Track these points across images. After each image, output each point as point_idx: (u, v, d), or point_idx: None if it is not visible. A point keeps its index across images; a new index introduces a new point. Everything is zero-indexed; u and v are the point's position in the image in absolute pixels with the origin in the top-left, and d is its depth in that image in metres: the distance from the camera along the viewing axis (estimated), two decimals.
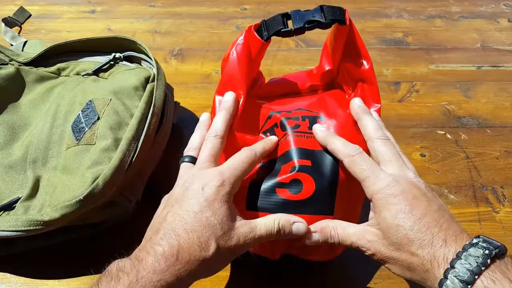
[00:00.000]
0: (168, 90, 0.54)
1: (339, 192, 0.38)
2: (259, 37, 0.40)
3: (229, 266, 0.47)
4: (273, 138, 0.41)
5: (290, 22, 0.40)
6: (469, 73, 0.70)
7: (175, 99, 0.58)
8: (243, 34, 0.41)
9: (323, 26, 0.40)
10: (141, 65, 0.55)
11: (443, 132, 0.61)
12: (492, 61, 0.72)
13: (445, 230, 0.31)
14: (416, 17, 0.82)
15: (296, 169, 0.38)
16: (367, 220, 0.36)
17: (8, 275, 0.46)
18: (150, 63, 0.54)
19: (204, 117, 0.42)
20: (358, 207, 0.42)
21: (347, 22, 0.40)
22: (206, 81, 0.68)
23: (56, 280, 0.45)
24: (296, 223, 0.37)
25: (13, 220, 0.41)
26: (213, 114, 0.42)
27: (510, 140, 0.61)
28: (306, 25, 0.39)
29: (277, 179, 0.38)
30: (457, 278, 0.29)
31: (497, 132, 0.61)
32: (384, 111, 0.46)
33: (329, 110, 0.42)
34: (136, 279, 0.30)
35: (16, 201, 0.44)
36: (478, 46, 0.75)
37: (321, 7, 0.40)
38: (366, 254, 0.35)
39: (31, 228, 0.41)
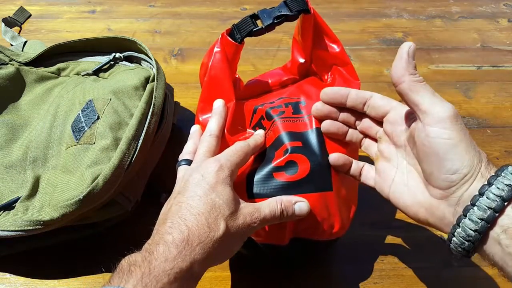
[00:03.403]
0: (168, 90, 0.54)
1: (332, 167, 0.40)
2: (232, 41, 0.42)
3: (228, 266, 0.47)
4: (260, 132, 0.42)
5: (259, 22, 0.42)
6: (469, 73, 0.70)
7: (175, 99, 0.58)
8: (218, 42, 0.43)
9: (290, 18, 0.42)
10: (141, 65, 0.55)
11: None
12: (492, 61, 0.72)
13: None
14: (416, 17, 0.82)
15: (289, 151, 0.39)
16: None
17: (8, 275, 0.46)
18: (150, 63, 0.54)
19: (194, 128, 0.43)
20: (355, 185, 0.43)
21: (311, 11, 0.42)
22: None
23: (56, 280, 0.46)
24: (298, 202, 0.37)
25: (12, 220, 0.41)
26: (197, 121, 0.44)
27: (510, 140, 0.61)
28: (275, 21, 0.41)
29: (273, 164, 0.39)
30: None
31: (497, 132, 0.61)
32: None
33: (308, 94, 0.44)
34: (149, 270, 0.29)
35: (16, 200, 0.44)
36: (478, 46, 0.75)
37: (285, 1, 0.42)
38: None
39: (31, 228, 0.41)
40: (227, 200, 0.34)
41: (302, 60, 0.47)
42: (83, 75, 0.56)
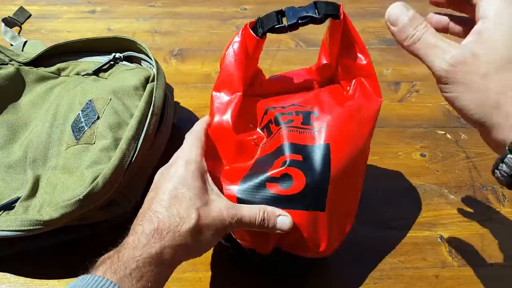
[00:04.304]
0: (168, 90, 0.54)
1: (331, 188, 0.38)
2: (254, 34, 0.41)
3: (228, 266, 0.47)
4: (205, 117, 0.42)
5: (285, 19, 0.41)
6: None
7: (175, 99, 0.58)
8: (240, 33, 0.42)
9: (316, 21, 0.40)
10: (141, 65, 0.55)
11: (443, 132, 0.61)
12: None
13: None
14: None
15: (287, 163, 0.38)
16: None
17: (8, 275, 0.46)
18: (150, 63, 0.54)
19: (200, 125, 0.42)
20: (353, 205, 0.42)
21: (341, 17, 0.41)
22: (206, 81, 0.68)
23: (56, 280, 0.45)
24: (281, 216, 0.37)
25: (12, 220, 0.41)
26: (211, 110, 0.43)
27: None
28: (299, 21, 0.40)
29: (269, 173, 0.38)
30: None
31: None
32: (384, 111, 0.46)
33: (323, 105, 0.42)
34: (118, 258, 0.31)
35: (15, 200, 0.44)
36: None
37: (315, 3, 0.40)
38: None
39: (31, 228, 0.41)
40: (197, 192, 0.35)
41: (327, 64, 0.46)
42: (83, 75, 0.56)
